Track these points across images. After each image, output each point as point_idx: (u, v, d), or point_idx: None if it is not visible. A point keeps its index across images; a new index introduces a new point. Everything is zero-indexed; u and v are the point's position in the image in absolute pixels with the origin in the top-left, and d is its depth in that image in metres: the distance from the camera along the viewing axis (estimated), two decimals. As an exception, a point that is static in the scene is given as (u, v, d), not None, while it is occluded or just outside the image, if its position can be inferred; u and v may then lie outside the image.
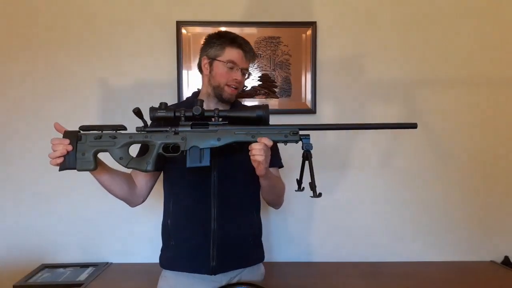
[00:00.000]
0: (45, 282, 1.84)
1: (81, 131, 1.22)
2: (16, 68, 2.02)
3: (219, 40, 1.38)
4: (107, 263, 2.05)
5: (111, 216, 2.06)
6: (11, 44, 2.01)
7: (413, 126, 1.28)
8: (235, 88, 1.38)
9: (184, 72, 2.03)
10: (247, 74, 1.42)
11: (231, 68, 1.36)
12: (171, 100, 1.70)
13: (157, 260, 1.46)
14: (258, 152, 1.19)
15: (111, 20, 2.03)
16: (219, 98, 1.39)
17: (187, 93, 2.02)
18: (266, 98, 2.08)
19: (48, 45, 2.02)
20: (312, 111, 2.07)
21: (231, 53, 1.36)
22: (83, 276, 1.89)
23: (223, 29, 1.99)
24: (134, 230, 2.08)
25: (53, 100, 2.03)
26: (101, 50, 2.03)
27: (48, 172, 2.02)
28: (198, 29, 2.03)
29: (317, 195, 1.17)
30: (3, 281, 2.01)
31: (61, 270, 1.97)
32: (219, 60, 1.36)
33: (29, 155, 2.04)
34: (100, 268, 1.97)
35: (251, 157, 1.21)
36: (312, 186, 1.18)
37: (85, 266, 2.01)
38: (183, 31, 2.02)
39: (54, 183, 2.04)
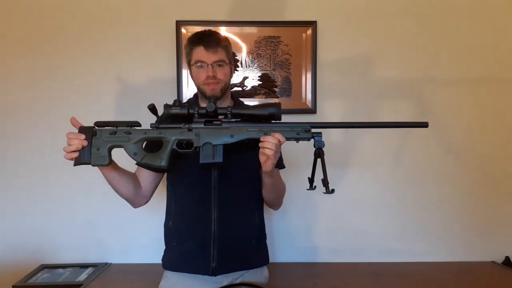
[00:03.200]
0: (45, 282, 1.83)
1: (96, 127, 1.22)
2: (19, 68, 2.01)
3: (188, 45, 1.40)
4: (107, 263, 2.04)
5: (110, 216, 2.05)
6: (16, 44, 2.01)
7: (424, 125, 1.27)
8: (215, 83, 1.36)
9: (184, 72, 2.01)
10: (226, 64, 1.37)
11: (201, 67, 1.36)
12: (171, 100, 1.69)
13: (157, 261, 1.46)
14: (270, 146, 1.18)
15: (111, 20, 2.02)
16: (206, 97, 1.38)
17: (186, 92, 2.01)
18: (266, 98, 2.07)
19: (48, 44, 2.01)
20: (312, 110, 2.06)
21: (197, 53, 1.36)
22: (83, 276, 1.89)
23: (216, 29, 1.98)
24: (134, 230, 2.07)
25: (53, 100, 2.02)
26: (101, 49, 2.02)
27: (48, 172, 2.03)
28: (197, 29, 1.97)
29: (330, 191, 1.18)
30: (2, 281, 2.01)
31: (61, 270, 1.96)
32: (191, 64, 1.38)
33: (29, 155, 2.03)
34: (99, 268, 1.96)
35: (261, 150, 1.20)
36: (325, 182, 1.20)
37: (84, 266, 2.00)
38: (183, 30, 2.01)
39: (54, 183, 2.04)
